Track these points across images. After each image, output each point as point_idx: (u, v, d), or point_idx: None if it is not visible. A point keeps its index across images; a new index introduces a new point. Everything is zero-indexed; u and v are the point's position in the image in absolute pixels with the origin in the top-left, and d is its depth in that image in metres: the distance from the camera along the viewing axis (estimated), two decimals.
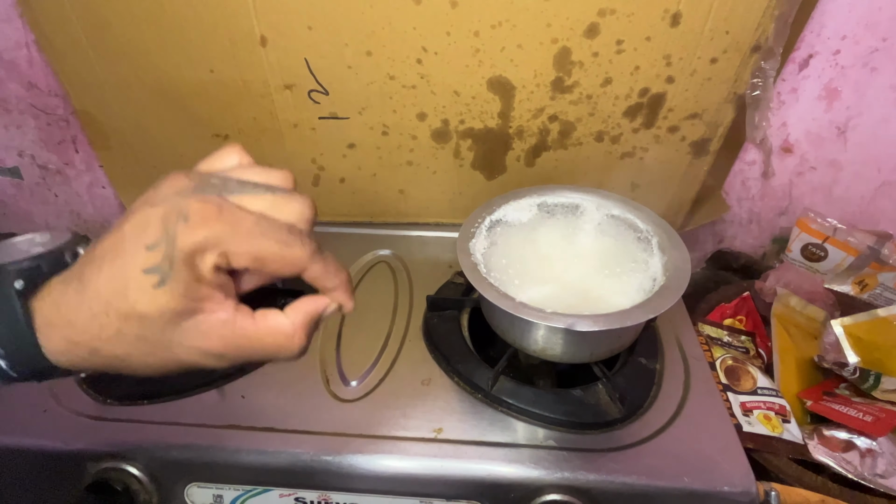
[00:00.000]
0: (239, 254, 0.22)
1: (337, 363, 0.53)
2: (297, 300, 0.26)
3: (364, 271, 0.64)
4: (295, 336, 0.24)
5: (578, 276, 0.50)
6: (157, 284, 0.21)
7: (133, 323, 0.21)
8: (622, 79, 0.54)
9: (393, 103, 0.58)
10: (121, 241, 0.22)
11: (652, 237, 0.51)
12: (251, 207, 0.22)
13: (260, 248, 0.22)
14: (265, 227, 0.22)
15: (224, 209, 0.22)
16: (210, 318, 0.22)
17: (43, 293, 0.22)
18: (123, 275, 0.21)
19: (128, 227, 0.22)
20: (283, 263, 0.23)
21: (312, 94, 0.58)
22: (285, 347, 0.24)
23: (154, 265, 0.21)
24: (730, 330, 0.61)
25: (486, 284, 0.45)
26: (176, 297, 0.21)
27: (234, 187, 0.23)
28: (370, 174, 0.65)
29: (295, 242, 0.23)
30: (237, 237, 0.21)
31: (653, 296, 0.44)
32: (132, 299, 0.21)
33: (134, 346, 0.22)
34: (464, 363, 0.51)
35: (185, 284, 0.21)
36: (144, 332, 0.22)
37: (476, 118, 0.58)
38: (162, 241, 0.21)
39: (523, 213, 0.55)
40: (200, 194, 0.22)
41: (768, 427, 0.50)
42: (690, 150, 0.59)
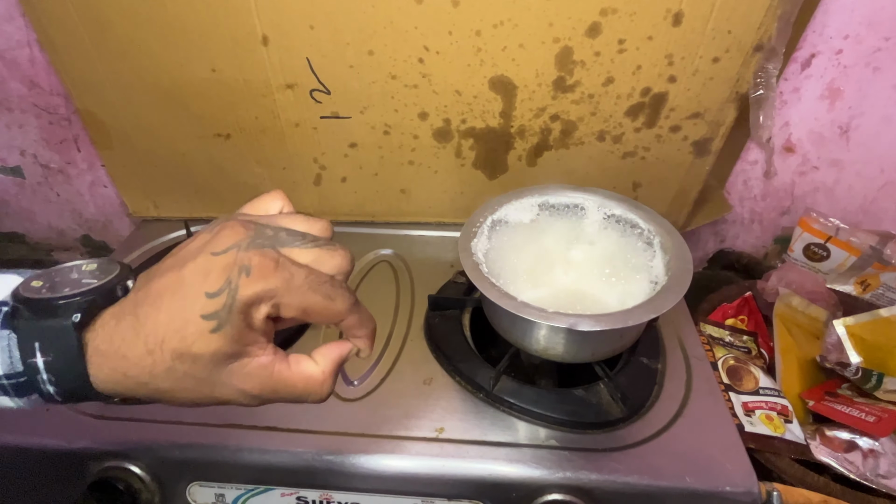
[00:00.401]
0: (290, 306, 0.23)
1: None
2: (324, 346, 0.27)
3: (366, 271, 0.64)
4: (325, 383, 0.27)
5: (580, 275, 0.50)
6: (214, 329, 0.22)
7: (186, 362, 0.23)
8: (624, 78, 0.54)
9: (394, 103, 0.58)
10: (180, 283, 0.23)
11: (654, 237, 0.51)
12: (300, 260, 0.24)
13: (309, 301, 0.24)
14: (313, 282, 0.24)
15: (280, 264, 0.23)
16: (253, 362, 0.24)
17: (96, 325, 0.23)
18: (183, 317, 0.22)
19: (188, 272, 0.23)
20: (326, 315, 0.25)
21: (314, 94, 0.58)
22: (315, 392, 0.26)
23: (213, 312, 0.22)
24: (732, 330, 0.61)
25: (487, 284, 0.45)
26: (229, 341, 0.23)
27: (286, 240, 0.25)
28: (372, 173, 0.65)
29: (338, 296, 0.25)
30: (290, 291, 0.23)
31: (655, 295, 0.44)
32: (189, 341, 0.22)
33: (181, 382, 0.23)
34: (465, 363, 0.51)
35: (239, 331, 0.23)
36: (194, 370, 0.23)
37: (478, 117, 0.58)
38: (224, 291, 0.22)
39: (525, 212, 0.55)
40: (259, 248, 0.23)
41: (770, 427, 0.50)
42: (692, 149, 0.59)
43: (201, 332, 0.22)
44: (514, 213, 0.55)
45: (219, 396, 0.24)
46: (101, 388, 0.23)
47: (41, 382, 0.23)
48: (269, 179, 0.67)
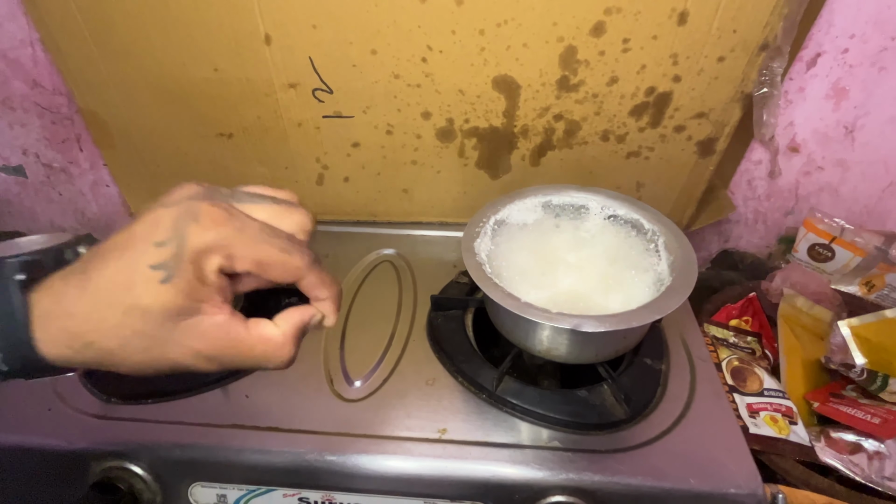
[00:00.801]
0: (243, 258, 0.23)
1: (341, 363, 0.53)
2: (285, 311, 0.26)
3: (368, 270, 0.64)
4: (285, 346, 0.25)
5: (584, 276, 0.50)
6: (163, 280, 0.21)
7: (134, 316, 0.22)
8: (628, 78, 0.54)
9: (397, 102, 0.57)
10: (130, 237, 0.22)
11: (658, 237, 0.50)
12: (256, 216, 0.24)
13: (263, 253, 0.23)
14: (268, 234, 0.23)
15: (232, 214, 0.23)
16: (207, 320, 0.23)
17: (43, 286, 0.22)
18: (130, 269, 0.22)
19: (138, 225, 0.23)
20: (282, 270, 0.24)
21: (317, 93, 0.57)
22: (275, 356, 0.25)
23: (162, 261, 0.21)
24: (736, 331, 0.60)
25: (490, 284, 0.45)
26: (179, 294, 0.22)
27: (242, 197, 0.25)
28: (374, 173, 0.65)
29: (295, 251, 0.24)
30: (243, 241, 0.22)
31: (659, 296, 0.43)
32: (137, 293, 0.21)
33: (130, 340, 0.22)
34: (468, 363, 0.51)
35: (190, 283, 0.22)
36: (144, 326, 0.22)
37: (481, 117, 0.58)
38: (172, 240, 0.22)
39: (528, 213, 0.55)
40: (211, 199, 0.23)
41: (775, 429, 0.50)
42: (697, 149, 0.59)
43: (149, 284, 0.21)
44: (517, 214, 0.55)
45: (172, 358, 0.23)
46: (48, 352, 0.22)
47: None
48: (271, 179, 0.66)
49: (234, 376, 0.51)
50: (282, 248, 0.24)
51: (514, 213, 0.54)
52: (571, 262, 0.51)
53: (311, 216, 0.26)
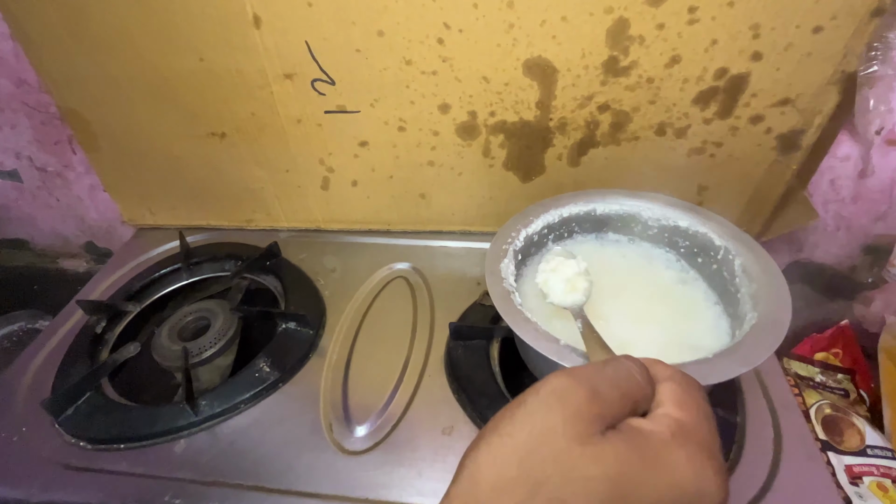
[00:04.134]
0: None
1: (343, 402, 0.45)
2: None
3: (379, 289, 0.56)
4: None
5: (638, 307, 0.40)
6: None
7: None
8: (694, 57, 0.43)
9: (410, 93, 0.49)
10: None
11: (733, 257, 0.40)
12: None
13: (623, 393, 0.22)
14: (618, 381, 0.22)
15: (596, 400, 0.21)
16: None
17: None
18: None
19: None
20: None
21: (316, 84, 0.49)
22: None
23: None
24: (823, 367, 0.49)
25: (521, 320, 0.35)
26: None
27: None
28: (386, 176, 0.56)
29: (633, 381, 0.23)
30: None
31: (743, 340, 0.33)
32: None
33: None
34: (494, 408, 0.41)
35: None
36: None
37: (509, 109, 0.49)
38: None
39: (566, 224, 0.46)
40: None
41: (885, 501, 0.39)
42: (777, 144, 0.48)
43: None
44: (554, 226, 0.45)
45: None
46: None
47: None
48: (271, 183, 0.59)
49: (221, 417, 0.44)
50: (630, 386, 0.22)
51: (550, 224, 0.45)
52: (622, 288, 0.42)
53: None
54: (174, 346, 0.50)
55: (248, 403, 0.45)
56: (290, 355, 0.48)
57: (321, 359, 0.48)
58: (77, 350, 0.49)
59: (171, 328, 0.52)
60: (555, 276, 0.38)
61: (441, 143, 0.52)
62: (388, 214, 0.60)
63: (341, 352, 0.49)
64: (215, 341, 0.50)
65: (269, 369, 0.47)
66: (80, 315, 0.53)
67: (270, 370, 0.47)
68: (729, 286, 0.40)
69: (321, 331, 0.51)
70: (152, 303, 0.57)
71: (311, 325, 0.50)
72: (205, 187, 0.60)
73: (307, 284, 0.55)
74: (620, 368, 0.22)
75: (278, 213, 0.62)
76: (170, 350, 0.50)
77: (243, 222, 0.64)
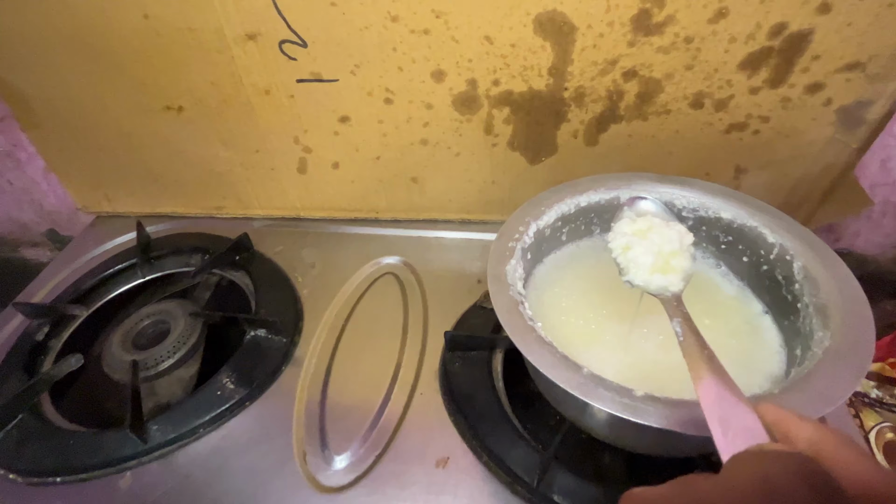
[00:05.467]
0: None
1: (320, 426, 0.38)
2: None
3: (364, 287, 0.48)
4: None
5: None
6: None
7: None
8: (745, 9, 0.35)
9: (398, 57, 0.41)
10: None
11: (791, 258, 0.33)
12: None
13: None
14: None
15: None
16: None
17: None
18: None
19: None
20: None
21: (285, 47, 0.41)
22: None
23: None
24: (878, 379, 0.43)
25: (532, 340, 0.28)
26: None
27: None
28: (372, 157, 0.49)
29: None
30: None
31: (818, 366, 0.26)
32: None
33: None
34: (497, 436, 0.35)
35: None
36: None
37: (516, 76, 0.41)
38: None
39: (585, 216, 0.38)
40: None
41: None
42: (836, 119, 0.40)
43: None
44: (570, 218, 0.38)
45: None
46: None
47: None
48: (240, 165, 0.51)
49: (175, 444, 0.37)
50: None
51: (565, 215, 0.38)
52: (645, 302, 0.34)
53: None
54: (126, 357, 0.43)
55: (207, 427, 0.38)
56: (259, 369, 0.41)
57: (296, 373, 0.41)
58: (12, 362, 0.43)
59: (124, 335, 0.45)
60: (642, 244, 0.30)
61: (435, 118, 0.45)
62: (376, 201, 0.53)
63: (319, 364, 0.42)
64: (174, 350, 0.44)
65: (233, 386, 0.40)
66: (22, 320, 0.47)
67: (235, 387, 0.40)
68: (784, 292, 0.33)
69: (297, 338, 0.44)
70: (106, 304, 0.50)
71: (284, 332, 0.43)
72: (165, 170, 0.52)
73: (282, 283, 0.48)
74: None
75: (251, 199, 0.55)
76: (121, 361, 0.43)
77: (212, 210, 0.56)
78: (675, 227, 0.30)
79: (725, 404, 0.21)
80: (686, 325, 0.26)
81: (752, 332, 0.34)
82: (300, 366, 0.42)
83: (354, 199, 0.53)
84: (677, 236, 0.30)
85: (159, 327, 0.46)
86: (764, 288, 0.35)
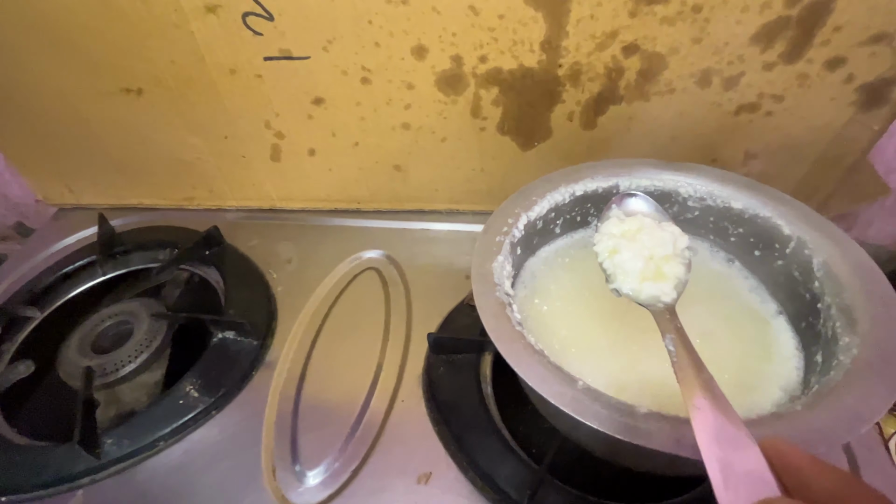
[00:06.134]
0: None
1: (292, 437, 0.35)
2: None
3: (344, 284, 0.45)
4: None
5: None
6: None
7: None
8: None
9: (374, 31, 0.37)
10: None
11: (810, 252, 0.29)
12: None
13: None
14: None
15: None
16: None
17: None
18: None
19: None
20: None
21: (249, 20, 0.37)
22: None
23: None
24: None
25: (520, 348, 0.25)
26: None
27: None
28: (350, 143, 0.45)
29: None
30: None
31: (846, 378, 0.23)
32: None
33: None
34: (485, 449, 0.32)
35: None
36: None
37: (506, 52, 0.37)
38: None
39: (579, 206, 0.35)
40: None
41: None
42: (858, 98, 0.36)
43: None
44: (563, 209, 0.34)
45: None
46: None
47: None
48: (208, 153, 0.47)
49: (133, 459, 0.34)
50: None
51: (559, 206, 0.34)
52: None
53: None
54: (83, 362, 0.39)
55: (168, 440, 0.35)
56: (227, 374, 0.38)
57: (267, 379, 0.38)
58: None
59: (82, 338, 0.42)
60: (631, 248, 0.26)
61: (418, 100, 0.41)
62: (357, 190, 0.49)
63: (293, 369, 0.39)
64: (137, 353, 0.40)
65: (197, 394, 0.37)
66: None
67: (199, 395, 0.37)
68: (802, 291, 0.30)
69: (269, 341, 0.40)
70: (66, 305, 0.46)
71: (254, 334, 0.40)
72: (128, 158, 0.49)
73: (255, 280, 0.45)
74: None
75: (223, 189, 0.51)
76: (78, 367, 0.39)
77: (182, 201, 0.53)
78: (668, 229, 0.27)
79: (726, 443, 0.18)
80: (680, 341, 0.23)
81: (764, 334, 0.30)
82: (272, 372, 0.39)
83: (333, 189, 0.49)
84: (671, 239, 0.27)
85: (122, 329, 0.43)
86: (778, 285, 0.32)
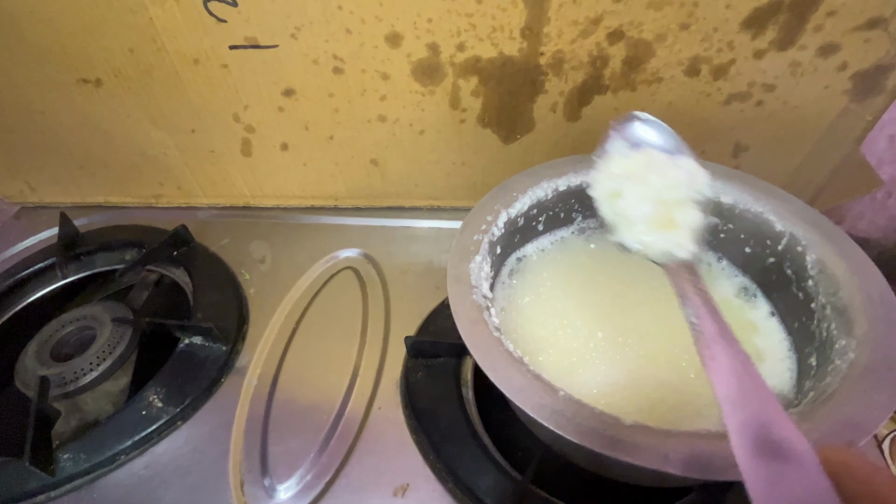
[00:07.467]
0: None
1: (261, 449, 0.33)
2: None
3: (319, 285, 0.43)
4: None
5: (671, 330, 0.28)
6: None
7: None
8: None
9: (345, 17, 0.34)
10: None
11: (803, 249, 0.28)
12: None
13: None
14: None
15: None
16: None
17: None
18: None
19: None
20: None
21: (211, 6, 0.35)
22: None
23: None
24: None
25: (497, 355, 0.23)
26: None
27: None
28: (324, 137, 0.43)
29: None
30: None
31: (844, 384, 0.22)
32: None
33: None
34: (465, 459, 0.31)
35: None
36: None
37: (485, 39, 0.35)
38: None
39: (562, 202, 0.33)
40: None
41: None
42: (852, 86, 0.35)
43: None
44: (546, 206, 0.32)
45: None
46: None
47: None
48: (175, 148, 0.45)
49: (90, 475, 0.32)
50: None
51: (540, 202, 0.32)
52: (644, 303, 0.29)
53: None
54: (39, 371, 0.37)
55: (129, 454, 0.33)
56: (193, 383, 0.36)
57: (237, 387, 0.36)
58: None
59: (40, 345, 0.39)
60: (636, 190, 0.22)
61: (393, 91, 0.39)
62: (333, 186, 0.47)
63: (264, 376, 0.37)
64: (99, 360, 0.38)
65: (161, 404, 0.34)
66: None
67: (164, 405, 0.34)
68: (794, 290, 0.28)
69: (239, 346, 0.38)
70: (25, 310, 0.44)
71: (224, 339, 0.38)
72: (89, 153, 0.46)
73: (226, 281, 0.43)
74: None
75: (193, 186, 0.48)
76: (34, 376, 0.37)
77: (150, 198, 0.50)
78: (683, 164, 0.22)
79: (770, 453, 0.15)
80: (706, 310, 0.18)
81: (755, 335, 0.29)
82: (242, 377, 0.37)
83: (308, 185, 0.47)
84: (686, 177, 0.21)
85: (84, 335, 0.41)
86: (770, 284, 0.30)
